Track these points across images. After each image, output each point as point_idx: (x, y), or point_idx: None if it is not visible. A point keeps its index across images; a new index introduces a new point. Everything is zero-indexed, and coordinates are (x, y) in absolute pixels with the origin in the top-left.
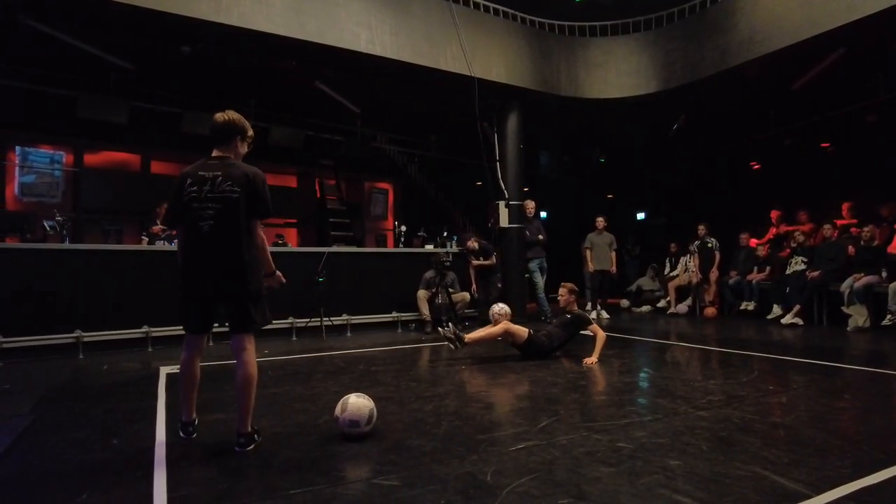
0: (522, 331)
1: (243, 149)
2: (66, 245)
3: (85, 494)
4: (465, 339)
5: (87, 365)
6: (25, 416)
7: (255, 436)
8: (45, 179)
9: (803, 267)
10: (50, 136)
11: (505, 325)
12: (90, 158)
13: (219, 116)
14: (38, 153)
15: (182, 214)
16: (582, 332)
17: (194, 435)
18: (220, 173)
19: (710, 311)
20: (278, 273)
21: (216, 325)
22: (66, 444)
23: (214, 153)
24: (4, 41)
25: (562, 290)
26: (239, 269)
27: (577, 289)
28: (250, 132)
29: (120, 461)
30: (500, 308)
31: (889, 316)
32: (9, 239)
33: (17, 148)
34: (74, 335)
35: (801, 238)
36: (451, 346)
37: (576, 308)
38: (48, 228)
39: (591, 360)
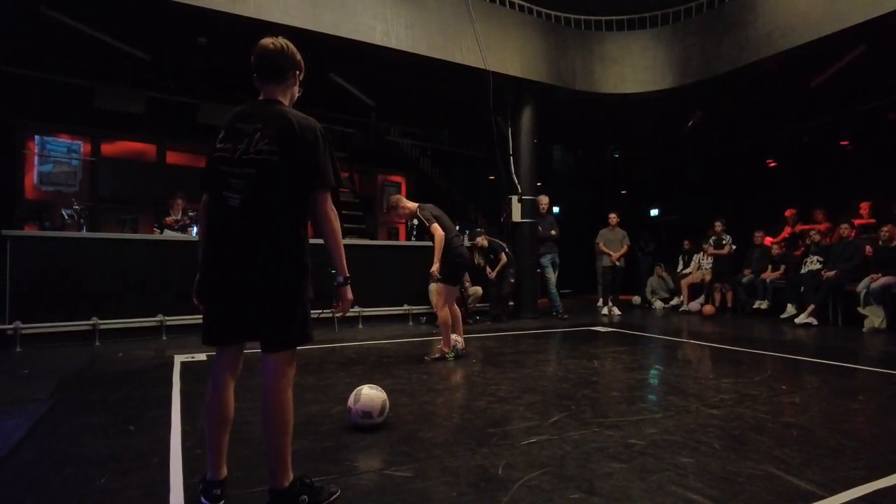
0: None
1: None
2: (83, 234)
3: (104, 479)
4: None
5: (103, 352)
6: (44, 401)
7: (301, 489)
8: (62, 169)
9: (818, 266)
10: (68, 126)
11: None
12: (107, 148)
13: (269, 43)
14: (56, 142)
15: (208, 180)
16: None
17: (222, 503)
18: (260, 125)
19: (709, 308)
20: (344, 288)
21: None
22: (84, 429)
23: (261, 96)
24: (25, 32)
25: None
26: (271, 264)
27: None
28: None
29: (136, 447)
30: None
31: None
32: (28, 227)
33: (37, 137)
34: (91, 322)
35: (816, 237)
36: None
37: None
38: (66, 217)
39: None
